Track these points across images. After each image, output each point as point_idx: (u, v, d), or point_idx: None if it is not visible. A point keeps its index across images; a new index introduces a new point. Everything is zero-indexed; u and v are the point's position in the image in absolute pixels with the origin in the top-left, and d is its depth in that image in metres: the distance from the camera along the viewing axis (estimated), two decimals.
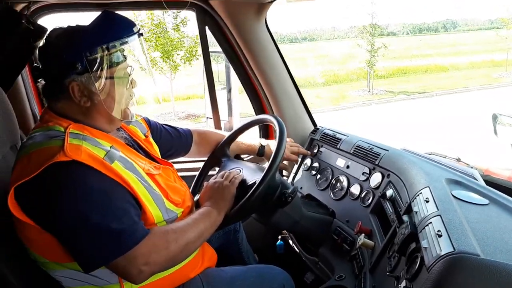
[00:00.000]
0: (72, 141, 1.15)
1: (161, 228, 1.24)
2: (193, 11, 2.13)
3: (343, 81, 18.99)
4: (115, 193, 1.15)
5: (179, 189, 1.41)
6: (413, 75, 19.57)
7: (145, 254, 1.15)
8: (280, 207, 1.54)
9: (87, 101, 1.24)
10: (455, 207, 1.10)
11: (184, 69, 14.53)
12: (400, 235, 1.15)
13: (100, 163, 1.14)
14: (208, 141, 1.86)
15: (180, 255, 1.26)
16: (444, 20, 36.57)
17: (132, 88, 1.33)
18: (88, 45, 1.20)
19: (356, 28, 18.75)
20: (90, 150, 1.15)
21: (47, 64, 1.25)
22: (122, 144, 1.32)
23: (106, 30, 1.24)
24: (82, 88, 1.22)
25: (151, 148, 1.51)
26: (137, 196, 1.19)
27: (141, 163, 1.30)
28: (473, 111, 11.43)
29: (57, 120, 1.24)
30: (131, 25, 1.28)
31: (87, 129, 1.24)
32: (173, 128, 1.77)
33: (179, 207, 1.35)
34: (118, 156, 1.20)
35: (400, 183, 1.46)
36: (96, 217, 1.10)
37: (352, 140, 1.90)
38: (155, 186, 1.28)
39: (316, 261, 1.74)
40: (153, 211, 1.24)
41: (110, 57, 1.22)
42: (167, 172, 1.42)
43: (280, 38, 27.53)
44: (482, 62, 20.98)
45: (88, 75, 1.21)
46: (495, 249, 0.91)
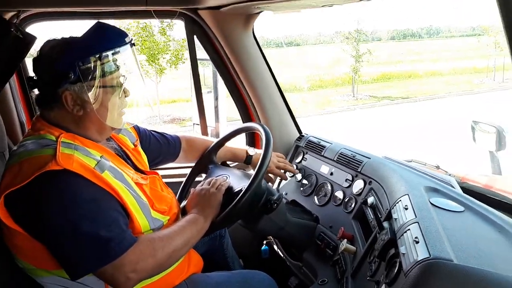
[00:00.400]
0: (64, 150, 1.18)
1: (148, 236, 1.26)
2: (182, 20, 2.16)
3: (328, 86, 19.17)
4: (104, 202, 1.18)
5: (166, 197, 1.44)
6: (397, 81, 19.86)
7: (133, 261, 1.17)
8: (265, 213, 1.57)
9: (79, 110, 1.27)
10: (432, 215, 1.16)
11: (170, 72, 14.50)
12: (380, 241, 1.20)
13: (91, 172, 1.17)
14: (196, 148, 1.88)
15: (167, 262, 1.29)
16: (428, 26, 37.20)
17: (125, 97, 1.36)
18: (81, 55, 1.23)
19: (341, 34, 18.97)
20: (82, 160, 1.18)
21: (41, 74, 1.28)
22: (112, 154, 1.35)
23: (99, 40, 1.27)
24: (75, 97, 1.25)
25: (139, 157, 1.54)
26: (125, 205, 1.22)
27: (130, 173, 1.33)
28: (455, 117, 11.65)
29: (49, 129, 1.26)
30: (123, 35, 1.32)
31: (78, 139, 1.26)
32: (162, 135, 1.80)
33: (165, 215, 1.38)
34: (108, 166, 1.23)
35: (381, 190, 1.51)
36: (85, 225, 1.13)
37: (335, 148, 1.96)
38: (143, 196, 1.31)
39: (300, 266, 1.78)
40: (141, 220, 1.27)
41: (102, 67, 1.25)
42: (153, 181, 1.45)
43: (266, 43, 27.64)
44: (464, 69, 21.42)
45: (81, 85, 1.23)
46: (468, 254, 0.97)
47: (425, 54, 25.70)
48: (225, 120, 2.66)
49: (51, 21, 2.09)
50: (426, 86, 18.41)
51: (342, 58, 18.26)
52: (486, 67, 19.79)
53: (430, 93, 17.29)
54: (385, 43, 29.70)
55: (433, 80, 19.86)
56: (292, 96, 16.35)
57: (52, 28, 1.64)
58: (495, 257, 0.99)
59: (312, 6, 1.71)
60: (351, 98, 17.07)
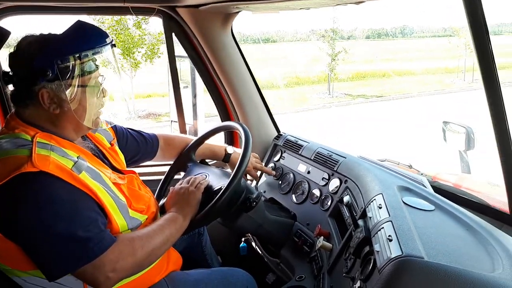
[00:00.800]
0: (40, 151, 1.16)
1: (128, 235, 1.27)
2: (160, 17, 2.16)
3: (304, 83, 19.30)
4: (82, 203, 1.17)
5: (143, 196, 1.44)
6: (372, 79, 20.18)
7: (112, 261, 1.18)
8: (244, 211, 1.60)
9: (56, 108, 1.25)
10: (405, 213, 1.21)
11: (145, 66, 14.29)
12: (356, 238, 1.24)
13: (68, 173, 1.16)
14: (175, 146, 1.88)
15: (146, 260, 1.30)
16: (402, 26, 37.86)
17: (103, 97, 1.35)
18: (60, 53, 1.21)
19: (317, 32, 19.11)
20: (58, 161, 1.17)
21: (17, 70, 1.25)
22: (88, 154, 1.34)
23: (79, 40, 1.26)
24: (52, 95, 1.23)
25: (116, 157, 1.53)
26: (103, 205, 1.22)
27: (107, 173, 1.33)
28: (427, 116, 11.96)
29: (24, 128, 1.24)
30: (104, 36, 1.31)
31: (54, 139, 1.24)
32: (139, 133, 1.79)
33: (143, 214, 1.38)
34: (85, 167, 1.22)
35: (356, 189, 1.56)
36: (62, 226, 1.12)
37: (312, 147, 2.00)
38: (121, 195, 1.31)
39: (277, 263, 1.82)
40: (119, 221, 1.27)
41: (81, 66, 1.24)
42: (131, 180, 1.44)
43: (243, 39, 27.58)
44: (437, 69, 21.95)
45: (58, 83, 1.22)
46: (438, 252, 1.02)
47: (399, 53, 26.19)
48: (203, 118, 2.67)
49: (26, 15, 2.04)
50: (400, 85, 18.78)
51: (318, 56, 18.41)
52: (457, 67, 20.35)
53: (404, 92, 17.66)
54: (360, 42, 30.12)
55: (407, 79, 20.28)
56: (269, 93, 16.40)
57: (26, 22, 1.60)
58: (462, 254, 1.05)
59: (290, 8, 1.74)
60: (327, 96, 17.26)
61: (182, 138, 1.95)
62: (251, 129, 1.90)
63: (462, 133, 2.52)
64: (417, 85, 18.78)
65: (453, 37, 19.33)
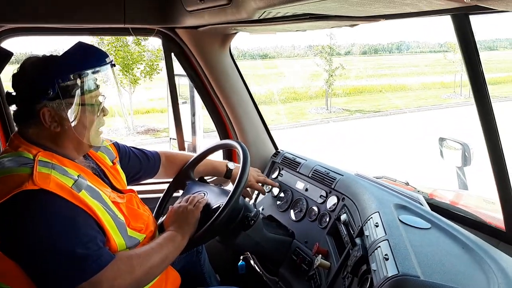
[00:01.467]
0: (41, 169, 1.18)
1: (126, 253, 1.28)
2: (159, 38, 2.20)
3: (302, 98, 19.42)
4: (81, 220, 1.19)
5: (142, 214, 1.46)
6: (369, 95, 20.32)
7: (110, 278, 1.19)
8: (243, 230, 1.61)
9: (57, 127, 1.28)
10: (401, 232, 1.22)
11: (144, 82, 14.39)
12: (353, 257, 1.25)
13: (68, 192, 1.18)
14: (176, 164, 1.90)
15: (144, 279, 1.30)
16: (398, 42, 38.25)
17: (104, 116, 1.38)
18: (61, 72, 1.25)
19: (314, 48, 19.29)
20: (59, 179, 1.19)
21: (20, 90, 1.30)
22: (89, 173, 1.36)
23: (80, 59, 1.30)
24: (53, 113, 1.26)
25: (117, 175, 1.55)
26: (102, 224, 1.23)
27: (107, 192, 1.34)
28: (423, 131, 12.01)
29: (26, 147, 1.27)
30: (104, 56, 1.35)
31: (55, 157, 1.27)
32: (142, 151, 1.81)
33: (141, 233, 1.39)
34: (85, 185, 1.24)
35: (354, 206, 1.58)
36: (62, 244, 1.14)
37: (310, 164, 2.02)
38: (120, 214, 1.32)
39: (276, 281, 1.82)
40: (117, 239, 1.28)
41: (82, 85, 1.28)
42: (130, 199, 1.46)
43: (242, 54, 27.81)
44: (432, 84, 22.12)
45: (59, 101, 1.25)
46: (433, 270, 1.03)
47: (395, 69, 26.42)
48: (202, 135, 2.70)
49: (28, 36, 2.08)
50: (397, 100, 18.90)
51: (316, 71, 18.57)
52: (453, 82, 20.51)
53: (401, 107, 17.76)
54: (357, 57, 30.39)
55: (403, 94, 20.42)
56: (267, 108, 16.50)
57: (28, 44, 1.63)
58: (458, 273, 1.06)
59: (286, 30, 1.78)
60: (325, 111, 17.35)
61: (184, 155, 1.97)
62: (249, 146, 1.92)
63: (459, 149, 2.55)
64: (414, 100, 18.89)
65: (449, 52, 19.52)
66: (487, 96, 1.36)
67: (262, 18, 1.45)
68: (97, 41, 13.31)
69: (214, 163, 1.96)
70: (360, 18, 1.43)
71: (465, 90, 18.88)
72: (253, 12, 1.34)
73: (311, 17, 1.44)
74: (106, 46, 13.40)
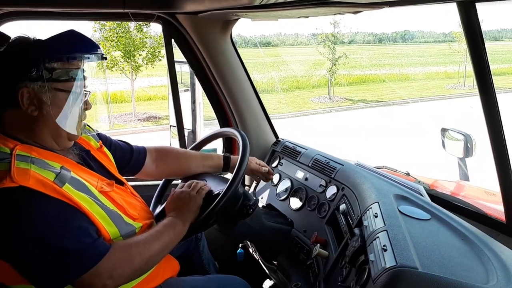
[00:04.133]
0: (19, 164, 1.12)
1: (125, 242, 1.25)
2: (160, 23, 2.17)
3: (305, 87, 19.36)
4: (68, 215, 1.14)
5: (135, 204, 1.42)
6: (372, 84, 20.23)
7: (109, 269, 1.17)
8: (241, 218, 1.60)
9: (34, 110, 1.21)
10: (400, 223, 1.21)
11: (146, 69, 14.36)
12: (351, 247, 1.24)
13: (49, 187, 1.12)
14: (169, 160, 1.77)
15: (144, 267, 1.29)
16: (403, 31, 37.99)
17: (86, 109, 1.32)
18: (48, 53, 1.20)
19: (318, 36, 19.17)
20: (39, 174, 1.12)
21: (3, 68, 1.22)
22: (72, 163, 1.29)
23: (68, 44, 1.24)
24: (32, 95, 1.19)
25: (105, 159, 1.49)
26: (90, 216, 1.19)
27: (93, 181, 1.28)
28: (426, 121, 11.96)
29: (3, 140, 1.19)
30: (95, 47, 1.29)
31: (35, 150, 1.19)
32: (126, 143, 1.70)
33: (137, 221, 1.35)
34: (69, 178, 1.18)
35: (353, 196, 1.57)
36: (54, 241, 1.11)
37: (310, 154, 2.00)
38: (110, 204, 1.28)
39: (274, 269, 1.82)
40: (109, 229, 1.24)
41: (67, 71, 1.22)
42: (120, 188, 1.41)
43: (245, 42, 27.67)
44: (436, 74, 22.00)
45: (41, 84, 1.19)
46: (432, 262, 1.02)
47: (399, 58, 26.27)
48: (202, 123, 2.68)
49: (26, 20, 2.05)
50: (400, 90, 18.82)
51: (319, 60, 18.47)
52: (457, 73, 20.40)
53: (404, 97, 17.69)
54: (361, 46, 30.19)
55: (407, 84, 20.32)
56: (269, 96, 16.46)
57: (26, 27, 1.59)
58: (457, 265, 1.05)
59: (289, 16, 1.75)
60: (327, 100, 17.30)
61: (179, 151, 1.83)
62: (249, 135, 1.90)
63: (461, 140, 2.52)
64: (417, 90, 18.81)
65: (454, 42, 19.37)
66: (492, 87, 1.33)
67: (263, 4, 1.42)
68: (98, 27, 13.27)
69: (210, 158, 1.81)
70: (363, 5, 1.40)
71: (469, 81, 18.77)
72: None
73: (314, 3, 1.41)
74: (108, 32, 13.35)
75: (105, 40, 13.43)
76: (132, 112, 14.65)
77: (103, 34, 13.47)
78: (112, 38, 13.38)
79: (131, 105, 14.85)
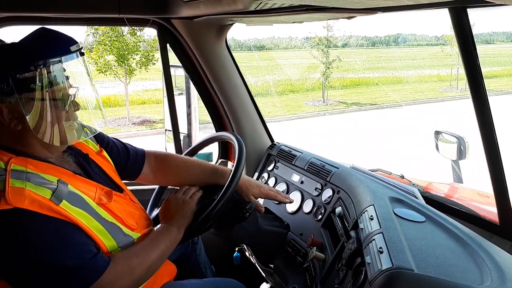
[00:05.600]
0: (14, 183, 1.07)
1: (124, 254, 1.23)
2: (155, 28, 2.18)
3: (299, 90, 19.42)
4: (66, 232, 1.12)
5: (134, 213, 1.39)
6: (365, 87, 20.34)
7: (111, 282, 1.16)
8: (238, 222, 1.61)
9: (17, 125, 1.15)
10: (396, 225, 1.22)
11: (140, 73, 14.34)
12: (348, 250, 1.25)
13: (45, 206, 1.08)
14: (170, 167, 1.69)
15: (144, 276, 1.29)
16: (395, 34, 38.23)
17: (74, 110, 1.24)
18: (16, 63, 1.10)
19: (312, 39, 19.26)
20: (35, 193, 1.08)
21: None
22: (70, 174, 1.23)
23: (39, 48, 1.14)
24: (11, 109, 1.12)
25: (105, 163, 1.45)
26: (88, 231, 1.16)
27: (91, 192, 1.23)
28: (420, 124, 12.04)
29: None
30: (69, 43, 1.18)
31: (30, 162, 1.14)
32: (124, 145, 1.62)
33: (135, 232, 1.33)
34: (66, 193, 1.13)
35: (349, 199, 1.58)
36: (53, 260, 1.09)
37: (306, 157, 2.02)
38: (108, 216, 1.24)
39: (271, 272, 1.82)
40: (107, 243, 1.21)
41: (41, 78, 1.12)
42: (120, 196, 1.36)
43: (238, 45, 27.71)
44: (429, 77, 22.17)
45: (16, 96, 1.10)
46: (427, 264, 1.03)
47: (392, 62, 26.44)
48: (197, 127, 2.68)
49: (24, 25, 2.04)
50: (393, 93, 18.94)
51: (313, 64, 18.55)
52: (449, 76, 20.56)
53: (397, 100, 17.80)
54: (354, 49, 30.35)
55: (400, 87, 20.45)
56: (263, 100, 16.49)
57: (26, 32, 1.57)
58: (452, 266, 1.06)
59: (283, 22, 1.77)
60: (321, 103, 17.37)
61: (179, 158, 1.76)
62: (245, 138, 1.91)
63: (454, 142, 2.55)
64: (411, 93, 18.93)
65: (446, 45, 19.53)
66: (484, 90, 1.35)
67: (258, 9, 1.43)
68: (91, 32, 13.25)
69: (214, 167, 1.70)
70: (357, 10, 1.42)
71: (461, 83, 18.93)
72: (249, 2, 1.33)
73: (308, 9, 1.43)
74: (101, 37, 13.32)
75: (98, 44, 13.41)
76: (126, 116, 14.61)
77: (96, 38, 13.45)
78: (105, 42, 13.36)
79: (125, 109, 14.81)
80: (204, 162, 1.74)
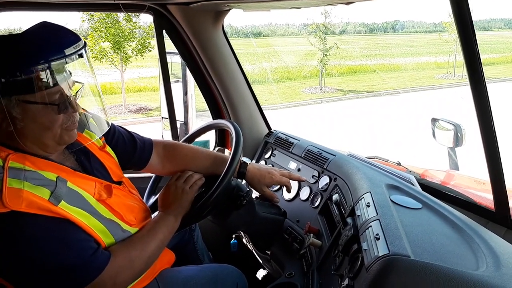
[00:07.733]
0: (11, 183, 1.03)
1: (123, 247, 1.23)
2: (151, 14, 2.15)
3: (296, 78, 19.35)
4: (66, 230, 1.11)
5: (133, 206, 1.37)
6: (363, 75, 20.28)
7: (112, 276, 1.16)
8: (235, 209, 1.61)
9: (9, 125, 1.08)
10: (392, 212, 1.23)
11: (136, 60, 14.23)
12: (344, 236, 1.26)
13: (44, 208, 1.06)
14: (178, 157, 1.65)
15: (144, 268, 1.30)
16: (393, 21, 38.01)
17: (73, 112, 1.16)
18: (5, 66, 1.03)
19: (309, 26, 19.12)
20: (33, 194, 1.05)
21: None
22: (69, 171, 1.20)
23: (32, 51, 1.05)
24: (2, 110, 1.06)
25: (108, 158, 1.42)
26: (87, 230, 1.15)
27: (91, 188, 1.21)
28: (418, 112, 12.04)
29: None
30: (65, 45, 1.09)
31: (28, 159, 1.10)
32: (130, 134, 1.58)
33: (133, 227, 1.32)
34: (64, 192, 1.11)
35: (345, 186, 1.58)
36: (53, 259, 1.08)
37: (303, 145, 2.02)
38: (108, 213, 1.23)
39: (268, 259, 1.84)
40: (106, 240, 1.21)
41: (35, 81, 1.05)
42: (119, 189, 1.34)
43: (235, 32, 27.51)
44: (427, 64, 22.11)
45: (8, 98, 1.05)
46: (423, 250, 1.04)
47: (390, 48, 26.34)
48: (194, 114, 2.67)
49: (19, 11, 2.01)
50: (391, 81, 18.90)
51: (310, 51, 18.44)
52: (447, 63, 20.52)
53: (395, 87, 17.77)
54: (352, 36, 30.18)
55: (397, 74, 20.40)
56: (260, 87, 16.43)
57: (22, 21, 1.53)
58: (448, 252, 1.07)
59: (281, 7, 1.75)
60: (319, 91, 17.32)
61: (188, 148, 1.69)
62: (242, 126, 1.90)
63: (451, 130, 2.56)
64: (408, 80, 18.90)
65: (443, 32, 19.45)
66: (482, 77, 1.34)
67: None
68: (87, 18, 13.10)
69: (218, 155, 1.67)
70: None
71: (458, 71, 18.89)
72: None
73: None
74: (97, 23, 13.18)
75: (93, 31, 13.26)
76: (122, 103, 14.54)
77: (92, 25, 13.31)
78: (100, 28, 13.22)
79: (121, 96, 14.73)
80: (213, 152, 1.71)
